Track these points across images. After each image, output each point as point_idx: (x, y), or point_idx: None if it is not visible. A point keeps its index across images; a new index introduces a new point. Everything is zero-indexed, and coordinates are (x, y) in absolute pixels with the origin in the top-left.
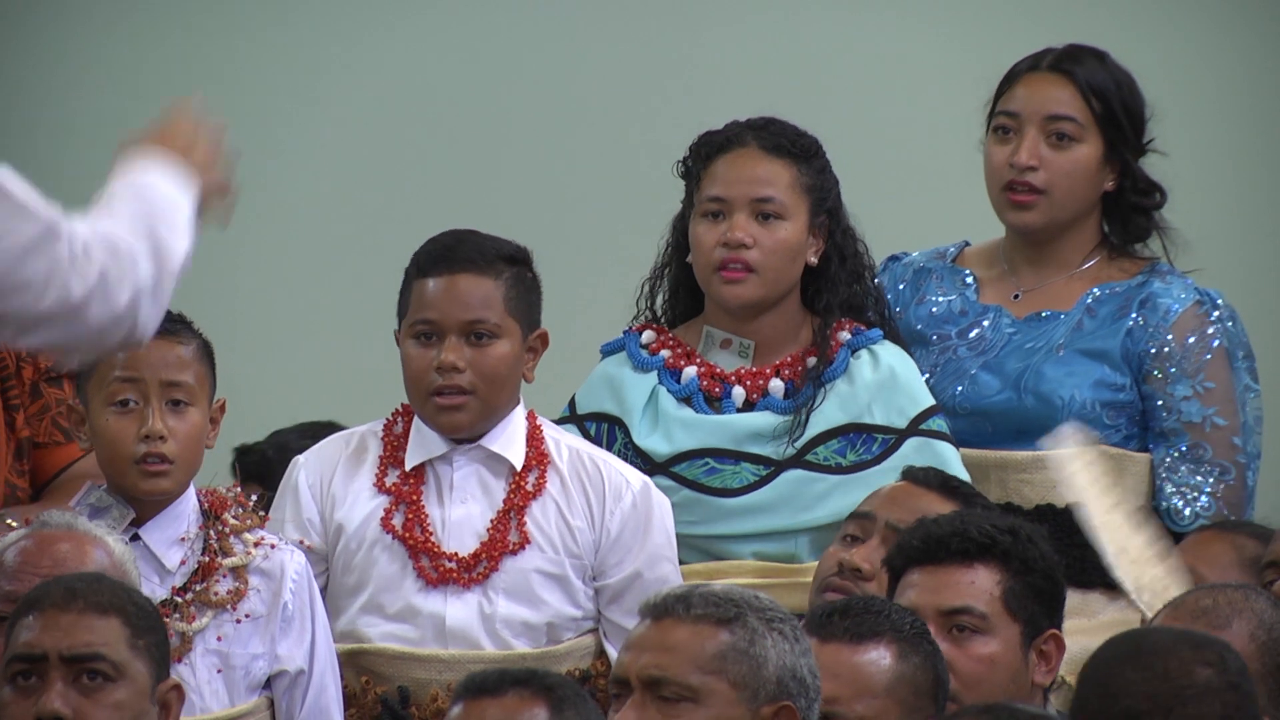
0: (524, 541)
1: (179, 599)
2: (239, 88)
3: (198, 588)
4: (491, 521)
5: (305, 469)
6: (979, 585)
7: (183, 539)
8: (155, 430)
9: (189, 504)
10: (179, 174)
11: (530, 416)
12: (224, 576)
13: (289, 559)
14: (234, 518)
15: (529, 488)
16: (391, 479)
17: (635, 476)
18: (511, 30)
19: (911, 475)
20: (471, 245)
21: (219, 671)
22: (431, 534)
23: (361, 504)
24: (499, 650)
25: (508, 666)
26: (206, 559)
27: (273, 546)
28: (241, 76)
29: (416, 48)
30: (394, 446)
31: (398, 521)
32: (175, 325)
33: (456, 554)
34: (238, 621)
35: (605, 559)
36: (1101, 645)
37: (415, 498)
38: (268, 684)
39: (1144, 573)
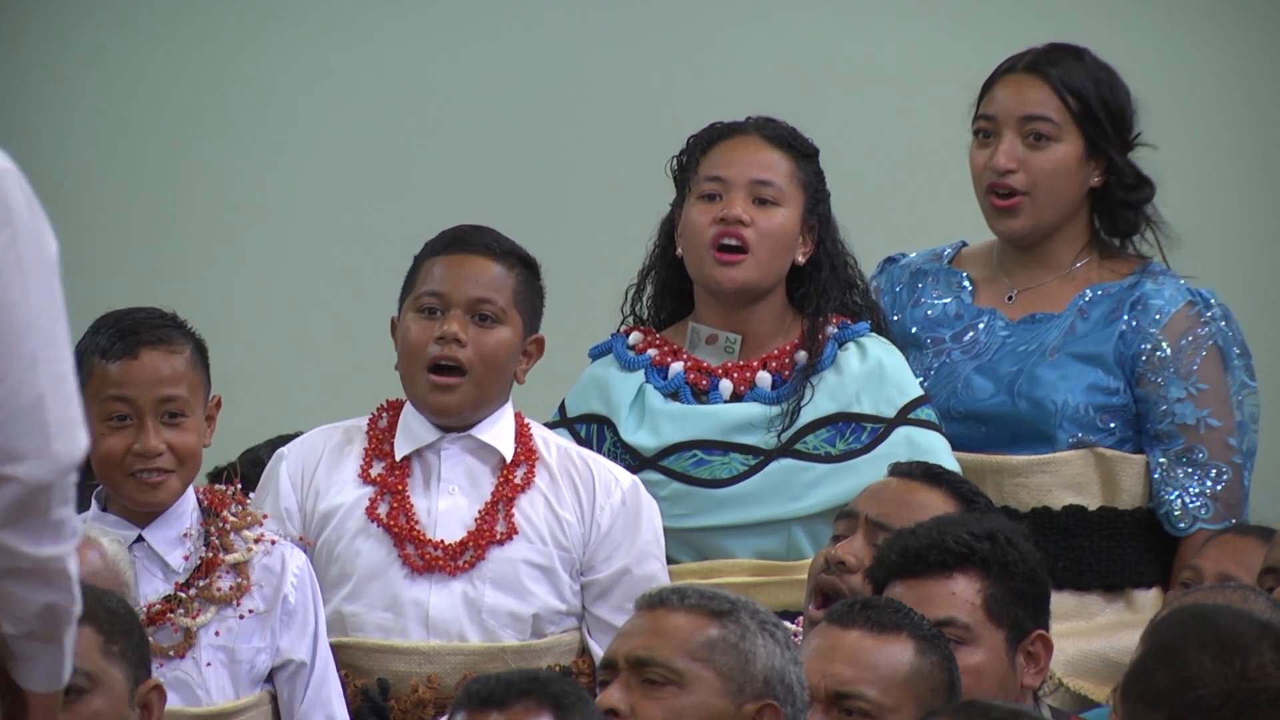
0: (511, 532)
1: (183, 595)
2: (239, 89)
3: (201, 583)
4: (479, 512)
5: (287, 460)
6: (959, 596)
7: (185, 535)
8: (150, 449)
9: (189, 502)
10: None
11: (518, 416)
12: (226, 573)
13: (290, 555)
14: (233, 515)
15: (517, 480)
16: (377, 470)
17: (624, 475)
18: (509, 37)
19: (896, 470)
20: (489, 235)
21: (224, 665)
22: (417, 522)
23: (346, 494)
24: (482, 641)
25: (507, 673)
26: (210, 554)
27: (273, 543)
28: (241, 78)
29: (415, 55)
30: (378, 439)
31: (383, 510)
32: (168, 331)
33: (443, 542)
34: (240, 617)
35: (594, 554)
36: (1175, 618)
37: (400, 488)
38: (270, 677)
39: None
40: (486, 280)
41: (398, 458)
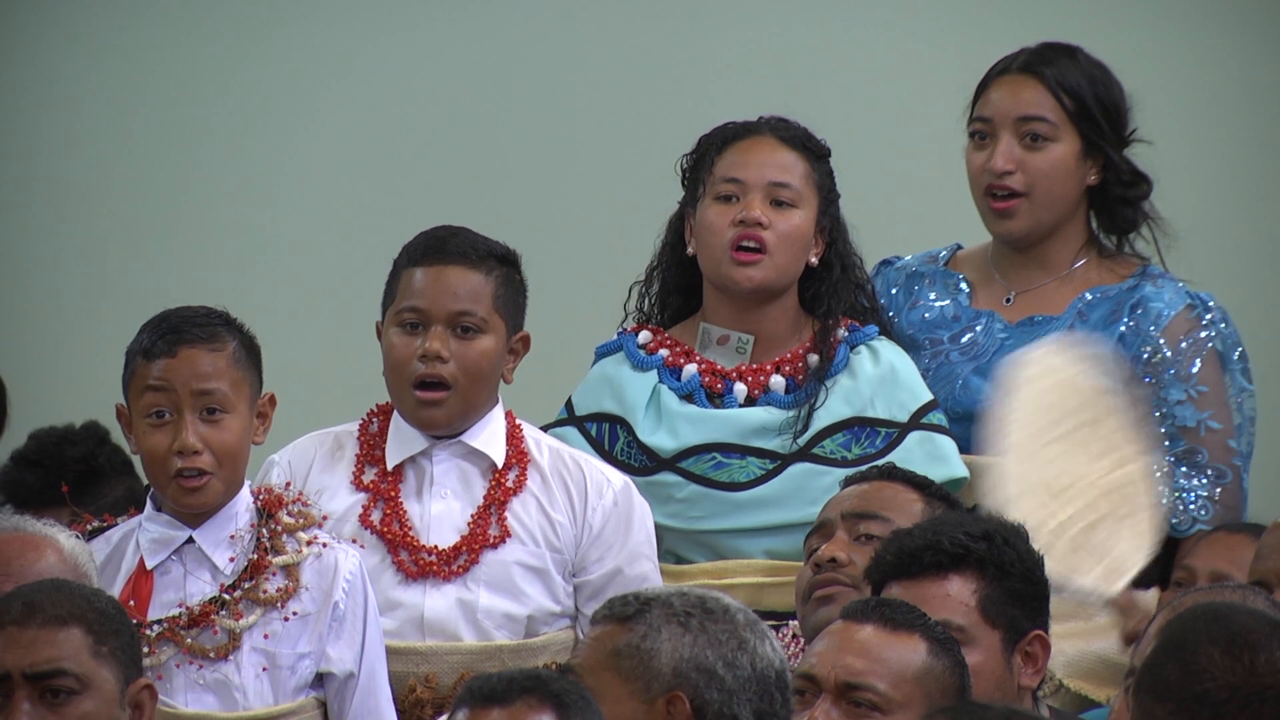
0: (504, 535)
1: (227, 596)
2: (239, 90)
3: (246, 585)
4: (472, 516)
5: (280, 467)
6: (954, 597)
7: (232, 537)
8: (187, 445)
9: (241, 503)
10: None
11: (509, 416)
12: (274, 575)
13: (343, 559)
14: (289, 516)
15: (509, 484)
16: (369, 476)
17: (616, 476)
18: (508, 37)
19: (849, 480)
20: (464, 239)
21: (265, 670)
22: (410, 528)
23: (339, 501)
24: (478, 641)
25: (510, 671)
26: (256, 556)
27: (325, 545)
28: (242, 79)
29: (415, 57)
30: (370, 445)
31: (376, 517)
32: (212, 328)
33: (436, 547)
34: (285, 620)
35: (586, 555)
36: (1189, 613)
37: (393, 494)
38: (319, 682)
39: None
40: (465, 292)
41: (389, 467)
